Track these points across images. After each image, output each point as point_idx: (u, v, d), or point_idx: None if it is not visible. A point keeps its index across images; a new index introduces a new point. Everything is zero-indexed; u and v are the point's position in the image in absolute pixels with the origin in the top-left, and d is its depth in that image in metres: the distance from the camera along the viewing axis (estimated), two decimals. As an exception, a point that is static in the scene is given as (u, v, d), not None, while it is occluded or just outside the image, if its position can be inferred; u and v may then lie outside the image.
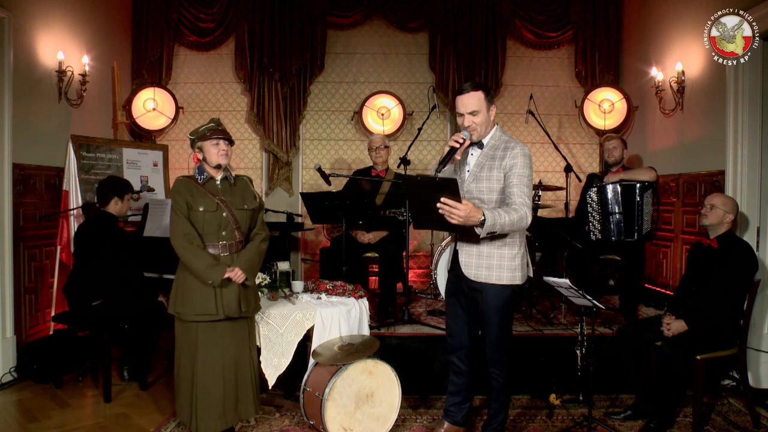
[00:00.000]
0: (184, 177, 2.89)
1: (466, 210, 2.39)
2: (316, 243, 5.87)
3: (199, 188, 2.83)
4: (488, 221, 2.45)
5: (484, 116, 2.68)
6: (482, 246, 2.69)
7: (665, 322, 3.23)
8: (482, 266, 2.70)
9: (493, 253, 2.69)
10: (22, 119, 4.05)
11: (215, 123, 2.91)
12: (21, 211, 4.08)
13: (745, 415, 3.38)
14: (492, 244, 2.68)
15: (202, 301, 2.76)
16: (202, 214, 2.79)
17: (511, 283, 2.71)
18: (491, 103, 2.70)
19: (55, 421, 3.30)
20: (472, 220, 2.43)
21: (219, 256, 2.82)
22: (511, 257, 2.70)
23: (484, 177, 2.69)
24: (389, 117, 5.79)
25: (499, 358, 2.79)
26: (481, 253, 2.70)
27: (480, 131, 2.69)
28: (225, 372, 2.84)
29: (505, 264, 2.69)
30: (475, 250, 2.71)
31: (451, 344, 2.96)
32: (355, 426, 3.00)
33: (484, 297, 2.73)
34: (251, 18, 5.70)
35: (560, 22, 5.83)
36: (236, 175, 2.97)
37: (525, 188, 2.63)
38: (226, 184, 2.89)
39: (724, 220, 3.28)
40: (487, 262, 2.69)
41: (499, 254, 2.68)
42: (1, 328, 3.88)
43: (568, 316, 4.43)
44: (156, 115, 5.59)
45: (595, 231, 4.37)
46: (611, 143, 4.56)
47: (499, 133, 2.76)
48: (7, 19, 3.88)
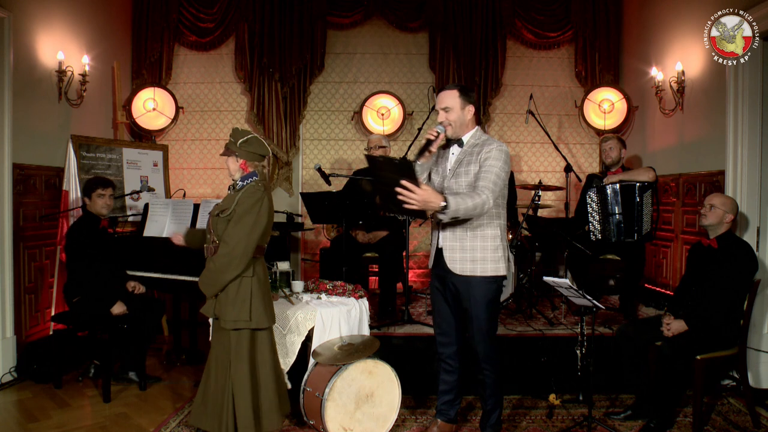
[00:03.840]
0: None
1: (423, 195, 2.43)
2: (316, 243, 5.87)
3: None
4: (451, 206, 2.51)
5: (457, 114, 2.77)
6: (465, 241, 2.76)
7: (665, 322, 3.23)
8: (467, 260, 2.76)
9: (476, 246, 2.75)
10: (22, 119, 4.05)
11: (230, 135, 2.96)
12: (21, 211, 4.08)
13: (745, 415, 3.37)
14: (474, 237, 2.75)
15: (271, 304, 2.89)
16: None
17: (496, 274, 2.76)
18: (467, 102, 2.78)
19: (55, 421, 3.30)
20: (431, 205, 2.48)
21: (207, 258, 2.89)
22: (494, 249, 2.75)
23: (462, 172, 2.76)
24: (389, 117, 5.79)
25: (489, 353, 2.83)
26: (465, 248, 2.76)
27: (455, 128, 2.78)
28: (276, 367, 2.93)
29: (488, 256, 2.75)
30: (459, 244, 2.78)
31: (440, 342, 2.99)
32: (355, 426, 3.00)
33: (470, 292, 2.77)
34: (251, 18, 5.70)
35: (560, 22, 5.83)
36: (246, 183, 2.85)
37: (492, 176, 2.67)
38: (231, 191, 2.92)
39: (724, 220, 3.28)
40: (471, 255, 2.75)
41: (482, 247, 2.74)
42: (1, 328, 3.88)
43: (568, 316, 4.43)
44: (156, 115, 5.59)
45: (595, 231, 4.37)
46: (608, 144, 4.54)
47: (479, 134, 2.84)
48: (7, 19, 3.88)
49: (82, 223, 3.84)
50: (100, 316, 3.67)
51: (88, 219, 3.85)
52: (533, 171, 5.97)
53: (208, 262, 2.85)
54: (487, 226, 2.75)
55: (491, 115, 5.90)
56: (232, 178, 2.91)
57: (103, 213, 3.89)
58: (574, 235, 4.37)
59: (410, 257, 5.61)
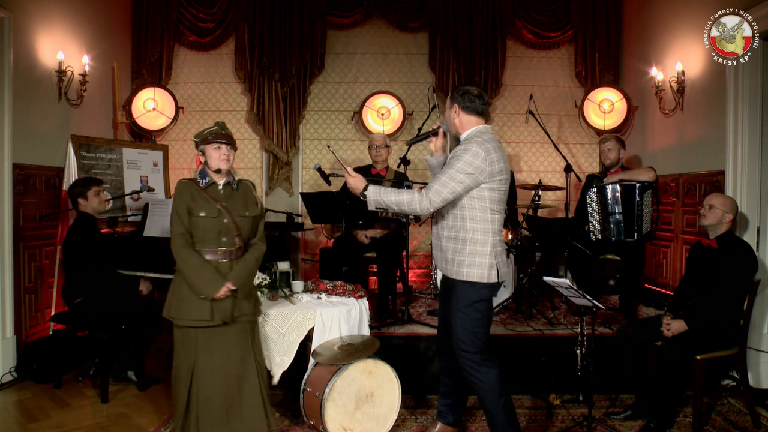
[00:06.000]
0: (186, 180, 2.80)
1: (350, 181, 2.78)
2: (316, 243, 5.87)
3: (201, 193, 2.75)
4: (369, 195, 2.70)
5: (447, 113, 2.85)
6: (441, 240, 2.78)
7: (665, 322, 3.23)
8: (444, 259, 2.77)
9: (449, 247, 2.73)
10: (22, 119, 4.05)
11: (219, 126, 2.83)
12: (21, 211, 4.08)
13: (745, 415, 3.37)
14: (449, 239, 2.73)
15: (198, 306, 2.69)
16: (203, 219, 2.71)
17: (475, 279, 2.64)
18: (453, 102, 2.80)
19: (55, 421, 3.30)
20: (356, 191, 2.75)
21: (218, 262, 2.75)
22: (471, 253, 2.65)
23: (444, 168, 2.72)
24: (389, 117, 5.79)
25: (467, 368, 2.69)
26: (441, 246, 2.79)
27: (449, 126, 2.86)
28: (228, 379, 2.75)
29: (465, 260, 2.66)
30: (436, 242, 2.83)
31: (439, 341, 2.98)
32: (355, 426, 3.00)
33: (451, 293, 2.76)
34: (251, 18, 5.70)
35: (560, 22, 5.83)
36: (239, 180, 2.90)
37: (444, 176, 2.61)
38: (228, 189, 2.82)
39: (723, 220, 3.28)
40: (444, 255, 2.76)
41: (453, 249, 2.70)
42: (1, 328, 3.88)
43: (568, 316, 4.43)
44: (156, 115, 5.59)
45: (595, 231, 4.37)
46: (607, 145, 4.52)
47: (476, 133, 2.72)
48: (7, 19, 3.88)
49: (82, 225, 3.82)
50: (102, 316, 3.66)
51: (87, 220, 3.84)
52: (533, 171, 5.97)
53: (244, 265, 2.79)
54: (460, 230, 2.68)
55: (491, 115, 5.90)
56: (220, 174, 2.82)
57: (101, 210, 3.89)
58: (574, 235, 4.37)
59: (410, 257, 5.61)
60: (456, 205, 2.68)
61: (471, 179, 2.60)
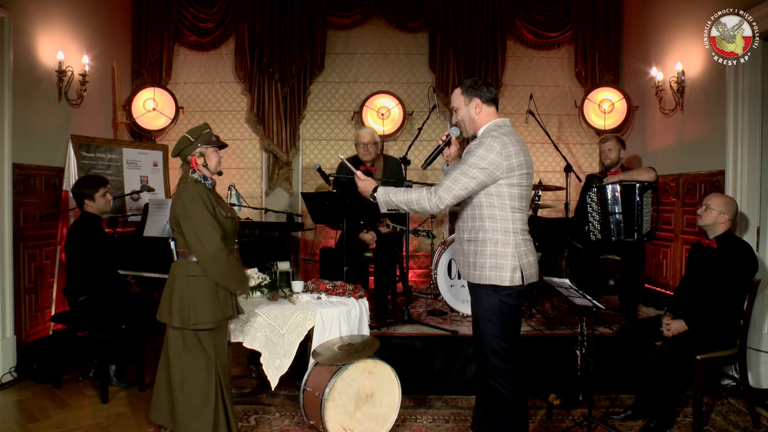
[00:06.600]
0: (194, 182, 2.77)
1: (361, 184, 2.71)
2: (316, 243, 5.87)
3: (211, 194, 2.79)
4: (379, 196, 2.63)
5: (463, 111, 2.63)
6: (463, 244, 2.64)
7: (665, 322, 3.23)
8: (465, 264, 2.62)
9: (470, 251, 2.58)
10: (22, 119, 4.05)
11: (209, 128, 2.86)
12: (21, 211, 4.08)
13: (745, 415, 3.37)
14: (470, 242, 2.58)
15: (223, 302, 2.76)
16: (227, 220, 2.77)
17: (494, 283, 2.51)
18: (470, 96, 2.59)
19: (55, 421, 3.30)
20: (366, 193, 2.69)
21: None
22: (492, 254, 2.52)
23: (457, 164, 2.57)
24: (389, 117, 5.79)
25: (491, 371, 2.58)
26: (463, 251, 2.64)
27: (466, 125, 2.65)
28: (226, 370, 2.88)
29: (486, 262, 2.52)
30: (459, 247, 2.69)
31: (473, 345, 2.82)
32: (355, 426, 3.00)
33: (474, 299, 2.64)
34: (251, 18, 5.70)
35: (560, 22, 5.84)
36: None
37: (456, 173, 2.48)
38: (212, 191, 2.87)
39: (719, 220, 3.27)
40: (465, 260, 2.62)
41: (474, 251, 2.55)
42: (1, 328, 3.88)
43: (568, 316, 4.43)
44: (156, 115, 5.59)
45: (595, 231, 4.36)
46: (607, 145, 4.51)
47: (492, 127, 2.56)
48: (7, 19, 3.88)
49: (86, 225, 3.81)
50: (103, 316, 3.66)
51: (92, 220, 3.84)
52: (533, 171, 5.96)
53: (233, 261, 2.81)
54: (479, 230, 2.54)
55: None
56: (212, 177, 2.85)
57: (105, 211, 3.90)
58: (574, 235, 4.37)
59: (410, 257, 5.61)
60: (473, 204, 2.55)
61: (485, 174, 2.45)
